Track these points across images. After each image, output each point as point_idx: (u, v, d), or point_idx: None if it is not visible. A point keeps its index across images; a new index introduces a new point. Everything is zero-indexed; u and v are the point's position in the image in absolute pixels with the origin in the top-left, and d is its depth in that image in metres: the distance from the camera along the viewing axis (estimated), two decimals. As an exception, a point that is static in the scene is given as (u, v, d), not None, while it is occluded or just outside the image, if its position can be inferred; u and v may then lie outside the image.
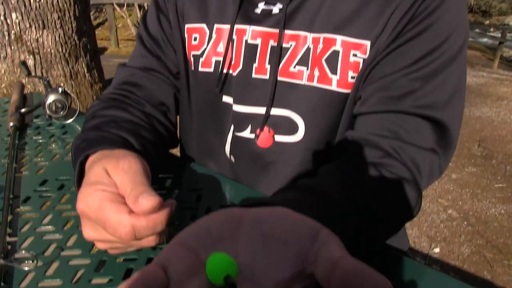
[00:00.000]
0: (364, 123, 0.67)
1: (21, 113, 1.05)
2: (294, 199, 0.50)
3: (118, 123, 0.69)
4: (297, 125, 0.72)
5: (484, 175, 3.33)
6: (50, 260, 0.57)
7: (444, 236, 2.58)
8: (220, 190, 0.75)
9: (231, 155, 0.80)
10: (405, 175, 0.61)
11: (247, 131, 0.76)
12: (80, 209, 0.49)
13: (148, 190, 0.47)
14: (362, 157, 0.62)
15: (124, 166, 0.51)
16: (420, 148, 0.63)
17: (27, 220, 0.66)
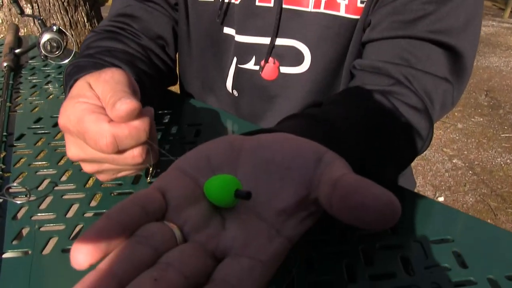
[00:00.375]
0: (373, 51, 0.63)
1: (15, 54, 1.02)
2: (297, 125, 0.46)
3: (112, 52, 0.66)
4: (303, 55, 0.69)
5: (490, 125, 3.28)
6: (43, 194, 0.55)
7: (449, 185, 2.57)
8: (220, 125, 0.73)
9: (234, 89, 0.77)
10: (417, 104, 0.57)
11: (251, 63, 0.73)
12: (62, 124, 0.45)
13: (128, 96, 0.42)
14: (370, 85, 0.59)
15: (106, 76, 0.46)
16: (433, 76, 0.59)
17: (21, 157, 0.64)
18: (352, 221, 0.27)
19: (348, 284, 0.41)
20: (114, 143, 0.42)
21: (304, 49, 0.68)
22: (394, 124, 0.54)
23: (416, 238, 0.47)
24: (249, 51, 0.72)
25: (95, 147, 0.42)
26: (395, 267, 0.43)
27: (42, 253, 0.46)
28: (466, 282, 0.42)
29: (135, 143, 0.43)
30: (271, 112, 0.75)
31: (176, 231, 0.30)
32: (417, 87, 0.58)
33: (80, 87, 0.46)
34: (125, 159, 0.44)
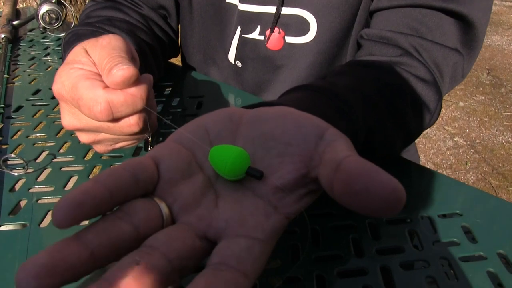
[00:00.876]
0: (381, 20, 0.61)
1: (13, 25, 1.00)
2: (299, 98, 0.44)
3: (112, 21, 0.64)
4: (309, 24, 0.67)
5: (492, 103, 3.26)
6: (42, 166, 0.54)
7: (450, 163, 2.56)
8: (222, 97, 0.71)
9: (237, 60, 0.75)
10: (425, 76, 0.55)
11: (255, 33, 0.71)
12: (56, 91, 0.43)
13: (125, 62, 0.40)
14: (378, 56, 0.57)
15: (104, 42, 0.44)
16: (443, 47, 0.57)
17: (19, 129, 0.62)
18: (354, 207, 0.25)
19: (355, 259, 0.40)
20: (108, 109, 0.40)
21: (310, 18, 0.66)
22: (402, 96, 0.52)
23: (424, 213, 0.46)
24: (254, 20, 0.70)
25: (89, 114, 0.41)
26: (402, 241, 0.42)
27: (39, 226, 0.45)
28: (475, 257, 0.41)
29: (131, 110, 0.41)
30: (276, 83, 0.73)
31: (164, 209, 0.29)
32: (426, 58, 0.56)
33: (76, 53, 0.44)
34: (121, 128, 0.43)
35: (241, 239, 0.27)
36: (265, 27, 0.69)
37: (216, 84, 0.75)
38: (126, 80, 0.39)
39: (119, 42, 0.44)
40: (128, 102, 0.40)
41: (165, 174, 0.30)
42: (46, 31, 1.00)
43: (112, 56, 0.41)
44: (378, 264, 0.40)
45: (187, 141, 0.33)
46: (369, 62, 0.56)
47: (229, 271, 0.24)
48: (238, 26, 0.72)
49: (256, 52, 0.72)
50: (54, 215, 0.24)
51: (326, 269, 0.39)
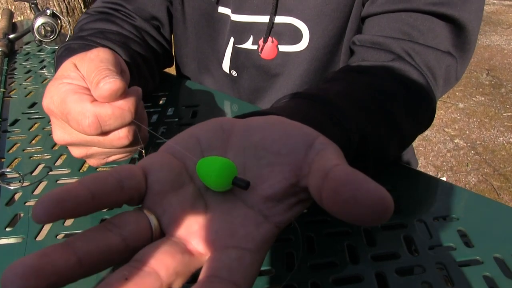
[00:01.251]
0: (373, 25, 0.61)
1: (9, 39, 1.00)
2: (291, 106, 0.44)
3: (105, 34, 0.64)
4: (301, 32, 0.67)
5: (492, 104, 3.26)
6: (38, 179, 0.54)
7: (451, 165, 2.56)
8: (217, 106, 0.71)
9: (232, 69, 0.75)
10: (418, 80, 0.55)
11: (248, 43, 0.71)
12: (45, 106, 0.44)
13: (112, 74, 0.40)
14: (370, 61, 0.57)
15: (91, 55, 0.44)
16: (435, 50, 0.57)
17: (15, 142, 0.62)
18: (343, 216, 0.25)
19: (350, 265, 0.40)
20: (96, 123, 0.40)
21: (302, 26, 0.66)
22: (395, 101, 0.52)
23: (419, 217, 0.46)
24: (246, 30, 0.70)
25: (78, 128, 0.41)
26: (398, 247, 0.42)
27: (36, 239, 0.45)
28: (472, 261, 0.41)
29: (119, 124, 0.41)
30: (272, 91, 0.73)
31: (153, 221, 0.29)
32: (419, 62, 0.56)
33: (66, 68, 0.45)
34: (111, 141, 0.43)
35: (231, 250, 0.27)
36: (258, 37, 0.70)
37: (211, 92, 0.75)
38: (113, 93, 0.39)
39: (107, 54, 0.44)
40: (116, 115, 0.40)
41: (155, 185, 0.30)
42: (42, 44, 1.01)
43: (99, 69, 0.41)
44: (374, 271, 0.39)
45: (178, 151, 0.33)
46: (362, 68, 0.56)
47: (221, 283, 0.24)
48: (231, 36, 0.72)
49: (250, 61, 0.72)
50: (34, 209, 0.24)
51: (321, 277, 0.39)
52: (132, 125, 0.43)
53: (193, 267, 0.27)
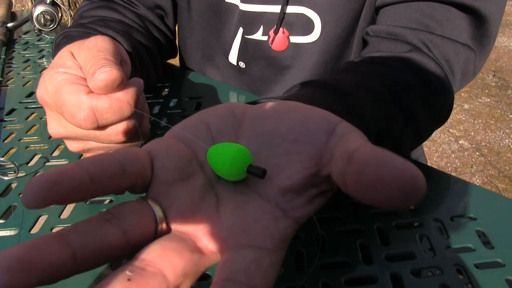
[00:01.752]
0: (389, 15, 0.58)
1: (8, 28, 0.98)
2: (304, 94, 0.42)
3: (106, 22, 0.61)
4: (313, 23, 0.64)
5: (498, 105, 3.23)
6: (34, 170, 0.51)
7: (455, 166, 2.53)
8: (221, 97, 0.69)
9: (240, 61, 0.72)
10: (436, 72, 0.53)
11: (258, 33, 0.68)
12: (39, 96, 0.41)
13: (109, 64, 0.37)
14: (386, 52, 0.54)
15: (89, 44, 0.41)
16: (454, 42, 0.54)
17: (11, 132, 0.60)
18: (369, 199, 0.22)
19: (363, 265, 0.38)
20: (92, 116, 0.37)
21: (314, 16, 0.64)
22: (412, 93, 0.50)
23: (436, 216, 0.44)
24: (256, 20, 0.67)
25: (73, 121, 0.38)
26: (413, 247, 0.40)
27: (30, 232, 0.43)
28: (492, 263, 0.38)
29: (117, 117, 0.38)
30: (282, 84, 0.71)
31: (158, 212, 0.26)
32: (436, 54, 0.54)
33: (62, 56, 0.42)
34: (108, 136, 0.40)
35: (248, 250, 0.25)
36: (268, 27, 0.67)
37: (215, 84, 0.73)
38: (110, 84, 0.36)
39: (106, 43, 0.41)
40: (114, 108, 0.37)
41: (161, 173, 0.28)
42: (41, 33, 0.98)
43: (96, 59, 0.38)
44: (388, 271, 0.37)
45: (187, 138, 0.31)
46: (376, 59, 0.54)
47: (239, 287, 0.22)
48: (239, 27, 0.69)
49: (260, 53, 0.70)
50: (24, 192, 0.22)
51: (333, 277, 0.37)
52: (131, 119, 0.40)
53: (203, 267, 0.25)
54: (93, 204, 0.46)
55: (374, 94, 0.46)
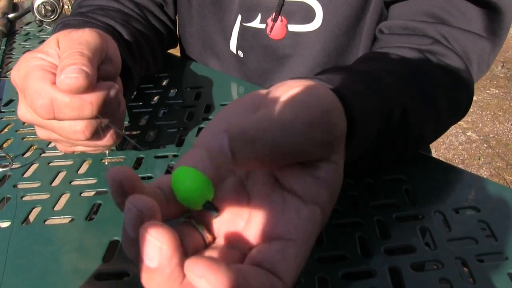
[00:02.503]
0: (404, 10, 0.58)
1: (9, 19, 0.97)
2: (327, 77, 0.40)
3: (106, 11, 0.60)
4: (314, 11, 0.63)
5: (506, 97, 3.19)
6: (29, 161, 0.51)
7: (463, 158, 2.51)
8: (222, 87, 0.68)
9: (239, 49, 0.71)
10: (457, 64, 0.52)
11: (256, 21, 0.67)
12: (12, 78, 0.40)
13: (82, 62, 0.36)
14: (407, 46, 0.53)
15: (75, 35, 0.40)
16: (470, 33, 0.53)
17: (8, 123, 0.60)
18: None
19: (362, 259, 0.37)
20: (49, 107, 0.36)
21: (315, 4, 0.62)
22: (435, 82, 0.49)
23: (437, 208, 0.42)
24: (254, 7, 0.66)
25: (31, 107, 0.37)
26: (414, 240, 0.39)
27: (22, 225, 0.42)
28: (495, 257, 0.37)
29: (75, 115, 0.37)
30: (281, 73, 0.70)
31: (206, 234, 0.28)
32: (456, 47, 0.53)
33: (47, 43, 0.41)
34: (66, 132, 0.39)
35: (274, 242, 0.26)
36: (266, 15, 0.66)
37: (215, 74, 0.72)
38: (74, 90, 0.35)
39: (91, 37, 0.40)
40: (74, 105, 0.36)
41: None
42: (42, 24, 0.97)
43: (71, 52, 0.37)
44: (387, 265, 0.36)
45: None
46: (399, 51, 0.52)
47: (262, 272, 0.24)
48: (238, 14, 0.68)
49: (257, 41, 0.68)
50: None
51: (330, 271, 0.36)
52: (94, 119, 0.38)
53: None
54: (86, 196, 0.46)
55: (397, 77, 0.45)
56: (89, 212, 0.44)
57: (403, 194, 0.44)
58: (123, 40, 0.57)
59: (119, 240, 0.40)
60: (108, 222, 0.42)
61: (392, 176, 0.47)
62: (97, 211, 0.44)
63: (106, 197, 0.45)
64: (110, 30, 0.55)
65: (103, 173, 0.49)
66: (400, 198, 0.44)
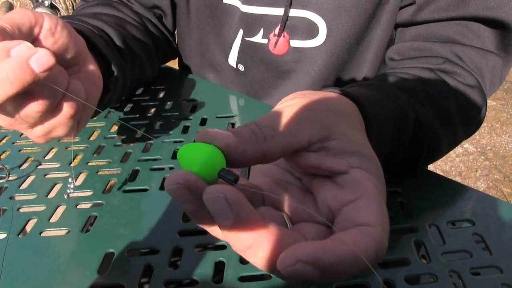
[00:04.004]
0: (419, 32, 0.58)
1: (8, 30, 0.97)
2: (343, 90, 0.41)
3: (98, 15, 0.60)
4: (318, 27, 0.63)
5: (504, 109, 3.20)
6: (26, 173, 0.51)
7: (460, 170, 2.51)
8: (218, 100, 0.68)
9: (239, 63, 0.71)
10: (471, 82, 0.53)
11: (258, 36, 0.67)
12: None
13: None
14: (420, 65, 0.54)
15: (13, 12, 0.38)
16: (481, 50, 0.54)
17: (5, 135, 0.60)
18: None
19: (356, 271, 0.37)
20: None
21: (319, 20, 0.62)
22: (448, 99, 0.50)
23: (431, 221, 0.43)
24: (257, 22, 0.66)
25: None
26: (408, 253, 0.39)
27: (18, 236, 0.42)
28: (490, 270, 0.37)
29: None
30: (282, 88, 0.70)
31: (287, 219, 0.29)
32: (468, 64, 0.54)
33: None
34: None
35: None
36: (268, 30, 0.66)
37: (212, 86, 0.72)
38: None
39: (21, 14, 0.37)
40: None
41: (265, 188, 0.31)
42: (41, 36, 0.98)
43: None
44: (381, 278, 0.36)
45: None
46: (412, 71, 0.53)
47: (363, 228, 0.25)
48: (240, 29, 0.68)
49: (259, 56, 0.68)
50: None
51: (323, 284, 0.36)
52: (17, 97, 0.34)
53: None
54: (82, 208, 0.46)
55: (410, 93, 0.46)
56: (84, 224, 0.44)
57: (398, 207, 0.44)
58: (110, 39, 0.57)
59: (114, 252, 0.40)
60: (104, 234, 0.42)
61: (388, 188, 0.47)
62: (92, 223, 0.44)
63: (102, 209, 0.45)
64: (95, 30, 0.54)
65: (98, 185, 0.49)
66: (395, 211, 0.44)
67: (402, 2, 0.59)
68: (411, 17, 0.58)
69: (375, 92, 0.41)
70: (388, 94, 0.42)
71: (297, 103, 0.30)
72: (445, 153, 0.52)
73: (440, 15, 0.55)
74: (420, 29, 0.58)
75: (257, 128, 0.27)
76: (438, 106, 0.48)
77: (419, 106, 0.45)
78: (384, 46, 0.63)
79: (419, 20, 0.57)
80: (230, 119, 0.61)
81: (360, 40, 0.63)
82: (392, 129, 0.40)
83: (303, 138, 0.28)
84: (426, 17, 0.56)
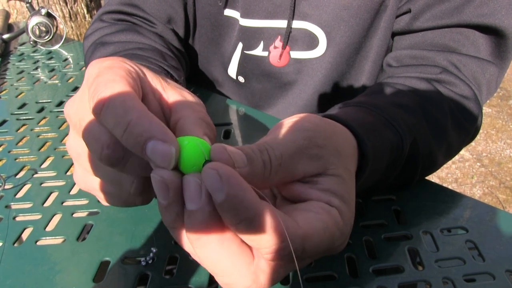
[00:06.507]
0: (415, 41, 0.59)
1: (3, 39, 0.98)
2: (343, 111, 0.42)
3: (145, 51, 0.57)
4: (317, 39, 0.63)
5: (499, 115, 3.21)
6: (22, 182, 0.51)
7: (456, 177, 2.52)
8: (219, 110, 0.68)
9: (239, 75, 0.71)
10: (466, 93, 0.53)
11: (258, 49, 0.67)
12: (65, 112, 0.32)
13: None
14: (415, 76, 0.55)
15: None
16: (478, 59, 0.55)
17: (1, 143, 0.60)
18: None
19: (350, 279, 0.37)
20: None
21: (318, 32, 0.62)
22: (443, 112, 0.50)
23: (425, 228, 0.43)
24: (256, 36, 0.66)
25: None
26: (402, 260, 0.39)
27: (14, 245, 0.42)
28: (482, 276, 0.38)
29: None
30: (283, 99, 0.70)
31: None
32: (466, 74, 0.55)
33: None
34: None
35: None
36: (268, 43, 0.66)
37: (213, 97, 0.72)
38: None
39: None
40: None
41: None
42: (37, 45, 0.98)
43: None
44: (375, 285, 0.37)
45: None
46: (408, 81, 0.54)
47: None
48: (239, 42, 0.68)
49: (259, 68, 0.68)
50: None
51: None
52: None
53: None
54: (78, 217, 0.46)
55: (406, 109, 0.46)
56: (80, 232, 0.44)
57: (392, 214, 0.45)
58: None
59: (110, 260, 0.40)
60: (99, 242, 0.42)
61: (381, 196, 0.47)
62: (88, 232, 0.44)
63: (98, 218, 0.45)
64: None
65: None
66: (388, 218, 0.44)
67: (398, 10, 0.59)
68: (407, 26, 0.58)
69: (375, 119, 0.42)
70: (387, 119, 0.42)
71: (309, 136, 0.30)
72: (439, 166, 0.52)
73: (436, 23, 0.55)
74: (417, 37, 0.58)
75: (268, 160, 0.27)
76: (435, 123, 0.48)
77: (416, 127, 0.45)
78: (382, 55, 0.63)
79: (415, 28, 0.58)
80: (225, 126, 0.61)
81: (358, 50, 0.64)
82: (387, 159, 0.40)
83: (300, 173, 0.29)
84: (421, 25, 0.57)
